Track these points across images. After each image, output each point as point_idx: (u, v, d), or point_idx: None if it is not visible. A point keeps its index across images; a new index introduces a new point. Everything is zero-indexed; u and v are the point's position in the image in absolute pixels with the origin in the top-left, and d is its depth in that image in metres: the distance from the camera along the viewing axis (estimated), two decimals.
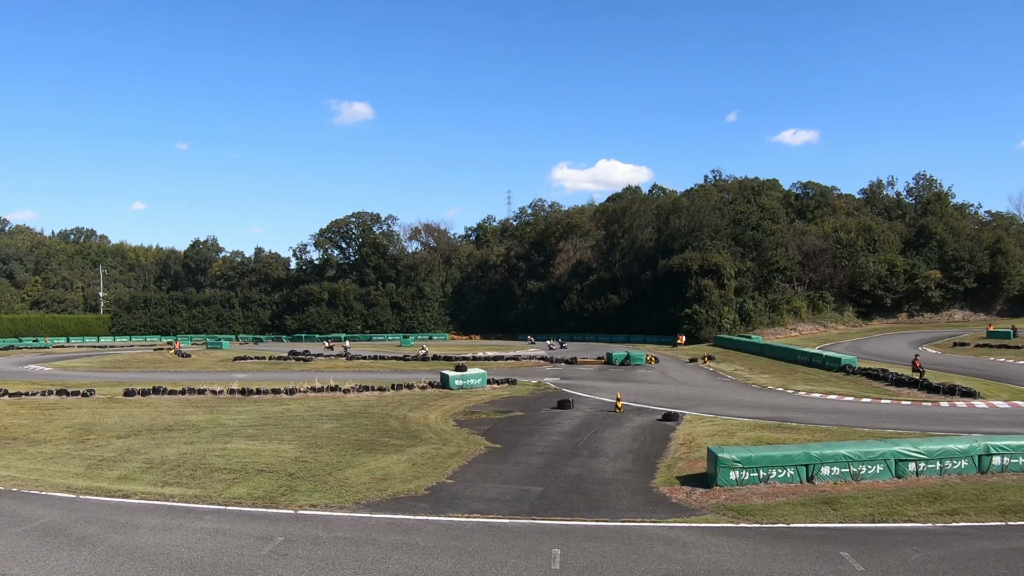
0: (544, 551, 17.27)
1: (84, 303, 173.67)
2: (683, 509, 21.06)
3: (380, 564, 16.57)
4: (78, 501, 23.07)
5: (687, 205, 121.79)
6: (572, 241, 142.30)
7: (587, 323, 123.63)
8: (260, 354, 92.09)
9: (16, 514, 21.45)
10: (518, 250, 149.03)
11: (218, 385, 52.01)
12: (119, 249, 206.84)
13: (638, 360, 70.98)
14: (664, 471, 25.86)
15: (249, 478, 25.42)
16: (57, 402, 47.30)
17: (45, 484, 25.37)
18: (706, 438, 31.04)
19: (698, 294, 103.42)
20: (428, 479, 25.03)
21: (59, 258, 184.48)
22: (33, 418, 40.62)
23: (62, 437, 34.56)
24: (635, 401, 43.97)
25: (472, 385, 51.93)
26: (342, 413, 40.68)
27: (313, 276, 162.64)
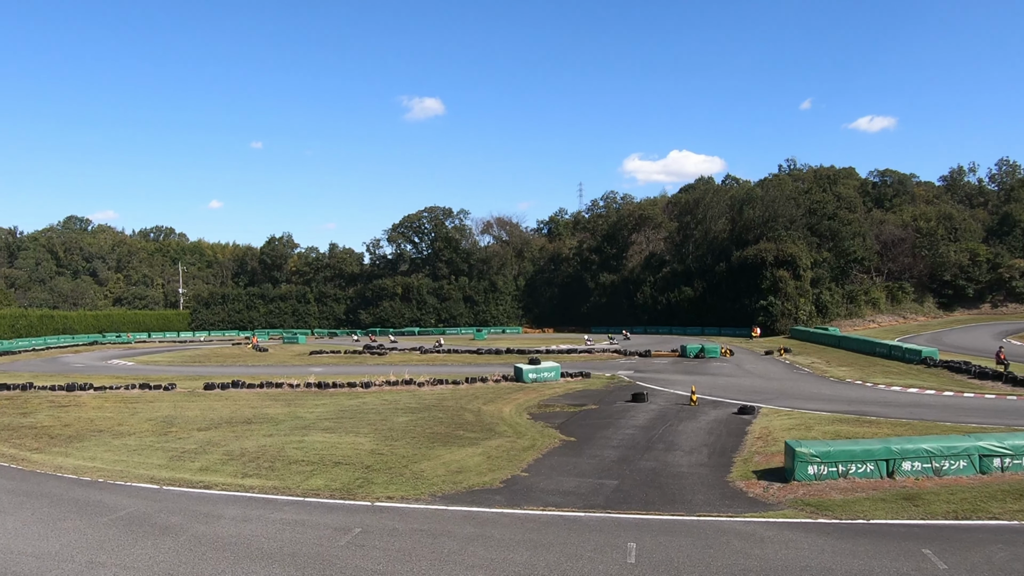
0: (619, 545, 17.20)
1: (164, 299, 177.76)
2: (760, 504, 20.80)
3: (456, 556, 16.67)
4: (161, 492, 23.61)
5: (761, 195, 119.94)
6: (645, 233, 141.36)
7: (660, 315, 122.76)
8: (335, 348, 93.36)
9: (102, 504, 22.03)
10: (590, 243, 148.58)
11: (295, 379, 52.82)
12: (197, 246, 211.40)
13: (713, 353, 70.34)
14: (740, 465, 25.58)
15: (327, 470, 25.76)
16: (140, 396, 48.47)
17: (130, 475, 26.00)
18: (783, 432, 30.62)
19: (773, 285, 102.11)
20: (503, 472, 25.10)
21: (140, 256, 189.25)
22: (117, 411, 41.69)
23: (145, 430, 35.40)
24: (710, 394, 43.57)
25: (546, 378, 51.95)
26: (417, 406, 41.00)
27: (386, 271, 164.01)
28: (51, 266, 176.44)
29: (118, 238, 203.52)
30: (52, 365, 79.35)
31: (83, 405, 44.35)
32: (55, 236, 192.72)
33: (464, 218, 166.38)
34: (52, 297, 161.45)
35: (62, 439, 33.40)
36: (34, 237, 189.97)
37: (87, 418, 39.38)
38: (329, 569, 15.97)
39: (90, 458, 29.17)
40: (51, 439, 33.46)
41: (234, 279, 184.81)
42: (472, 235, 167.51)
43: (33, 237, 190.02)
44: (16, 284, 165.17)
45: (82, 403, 45.29)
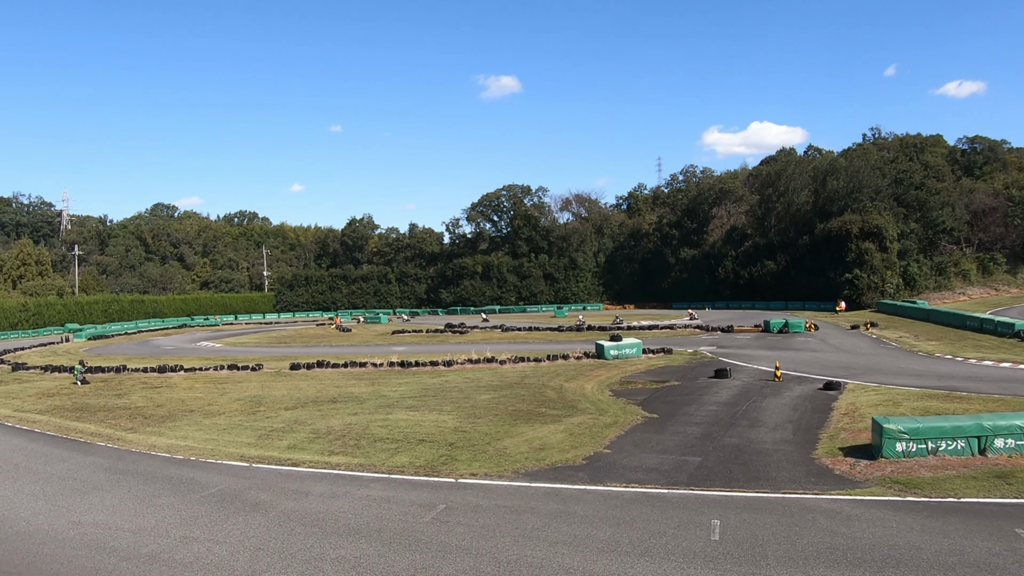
0: (703, 522, 17.11)
1: (249, 282, 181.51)
2: (846, 481, 20.46)
3: (539, 532, 16.76)
4: (251, 469, 24.17)
5: (845, 165, 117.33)
6: (725, 207, 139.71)
7: (743, 290, 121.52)
8: (417, 327, 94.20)
9: (195, 481, 22.67)
10: (670, 217, 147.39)
11: (378, 358, 53.47)
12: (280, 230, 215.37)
13: (797, 327, 69.27)
14: (826, 442, 25.17)
15: (411, 447, 26.08)
16: (228, 376, 49.64)
17: (220, 453, 26.68)
18: (870, 408, 30.04)
19: (859, 258, 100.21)
20: (585, 449, 25.10)
21: (225, 240, 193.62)
22: (207, 392, 42.75)
23: (234, 409, 36.26)
24: (794, 370, 42.94)
25: (627, 355, 51.73)
26: (499, 384, 41.20)
27: (466, 250, 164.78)
28: (140, 252, 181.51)
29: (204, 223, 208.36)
30: (144, 348, 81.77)
31: (174, 386, 45.59)
32: (143, 223, 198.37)
33: (543, 195, 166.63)
34: (142, 282, 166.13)
35: (155, 419, 34.40)
36: (123, 225, 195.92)
37: (178, 399, 40.49)
38: (415, 545, 16.20)
39: (182, 437, 29.99)
40: (145, 419, 34.48)
41: (316, 261, 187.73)
42: (551, 212, 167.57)
43: (122, 225, 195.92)
44: (108, 271, 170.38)
45: (173, 384, 46.57)
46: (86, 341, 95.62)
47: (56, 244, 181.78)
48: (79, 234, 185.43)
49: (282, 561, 15.54)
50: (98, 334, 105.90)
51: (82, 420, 35.06)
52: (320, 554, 15.88)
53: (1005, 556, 14.59)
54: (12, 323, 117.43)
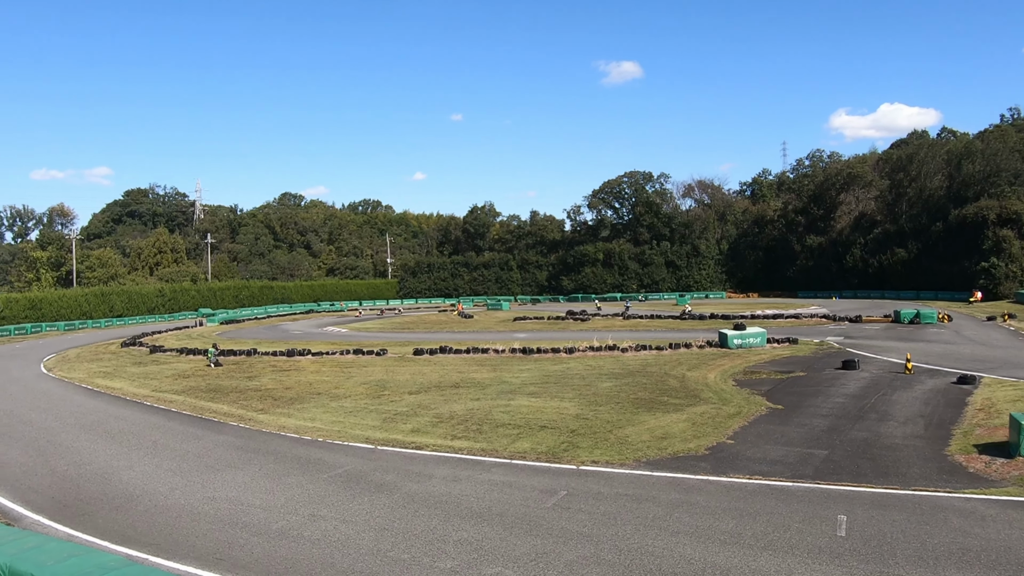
0: (829, 517, 16.72)
1: (373, 269, 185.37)
2: (981, 480, 19.69)
3: (661, 522, 16.66)
4: (376, 451, 24.69)
5: (981, 148, 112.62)
6: (853, 192, 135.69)
7: (871, 279, 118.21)
8: (538, 314, 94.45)
9: (323, 462, 23.30)
10: (795, 204, 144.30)
11: (500, 344, 53.85)
12: (403, 218, 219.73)
13: (929, 318, 66.93)
14: (960, 438, 24.27)
15: (532, 433, 26.22)
16: (354, 361, 50.75)
17: (346, 435, 27.31)
18: (1007, 404, 28.78)
19: (996, 246, 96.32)
20: (708, 439, 24.82)
21: (350, 228, 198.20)
22: (334, 375, 43.81)
23: (360, 393, 37.04)
24: (926, 362, 41.48)
25: (751, 344, 50.86)
26: (620, 372, 41.04)
27: (587, 237, 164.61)
28: (269, 240, 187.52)
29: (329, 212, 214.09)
30: (273, 332, 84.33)
31: (302, 369, 46.89)
32: (272, 212, 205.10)
33: (664, 182, 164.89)
34: (270, 269, 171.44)
35: (284, 401, 35.48)
36: (253, 214, 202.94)
37: (306, 382, 41.62)
38: (536, 530, 16.31)
39: (310, 419, 30.84)
40: (274, 401, 35.60)
41: (438, 248, 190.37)
42: (673, 199, 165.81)
43: (252, 214, 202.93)
44: (238, 258, 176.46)
45: (301, 368, 47.89)
46: (218, 325, 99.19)
47: (190, 233, 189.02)
48: (211, 223, 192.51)
49: (406, 541, 15.86)
50: (229, 319, 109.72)
51: (215, 401, 36.42)
52: (443, 535, 16.14)
53: None
54: (149, 308, 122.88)
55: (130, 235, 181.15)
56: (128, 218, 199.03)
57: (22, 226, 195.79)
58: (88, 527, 17.66)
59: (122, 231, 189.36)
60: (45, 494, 20.82)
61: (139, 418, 32.85)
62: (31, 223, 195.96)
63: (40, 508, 19.40)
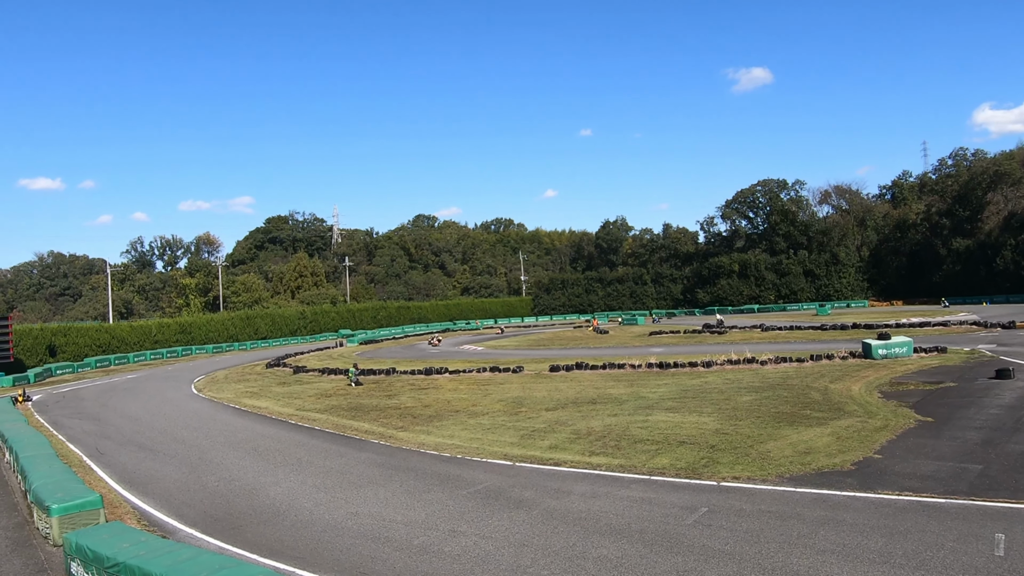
0: (986, 535, 15.80)
1: (507, 287, 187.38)
2: None
3: (806, 540, 16.10)
4: (514, 468, 24.68)
5: None
6: (1002, 191, 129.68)
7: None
8: (674, 328, 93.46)
9: (461, 478, 23.44)
10: (939, 206, 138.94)
11: (636, 359, 53.35)
12: (535, 235, 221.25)
13: None
14: None
15: (671, 449, 25.80)
16: (491, 378, 51.05)
17: (484, 452, 27.43)
18: None
19: None
20: (854, 453, 23.90)
21: (483, 247, 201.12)
22: (471, 393, 44.18)
23: (497, 410, 37.20)
24: None
25: (897, 354, 49.00)
26: (760, 385, 40.13)
27: (722, 248, 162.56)
28: (404, 261, 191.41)
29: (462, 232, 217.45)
30: (410, 351, 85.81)
31: (440, 387, 47.47)
32: (406, 234, 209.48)
33: (800, 189, 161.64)
34: (407, 289, 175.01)
35: (423, 418, 35.91)
36: (388, 236, 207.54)
37: (444, 399, 42.08)
38: (677, 547, 15.99)
39: (448, 436, 31.11)
40: (413, 419, 36.07)
41: (571, 264, 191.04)
42: (809, 206, 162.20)
43: (387, 236, 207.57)
44: (375, 279, 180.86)
45: (439, 386, 48.49)
46: (358, 345, 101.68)
47: (328, 256, 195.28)
48: (348, 246, 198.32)
49: (545, 557, 15.76)
50: (368, 339, 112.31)
51: (356, 419, 37.17)
52: (582, 552, 15.98)
53: None
54: (292, 330, 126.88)
55: (272, 260, 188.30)
56: (270, 244, 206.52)
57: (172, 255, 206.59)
58: (238, 540, 18.24)
59: (264, 257, 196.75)
60: (197, 508, 21.61)
61: (284, 436, 33.81)
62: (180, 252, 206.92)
63: (193, 522, 20.17)
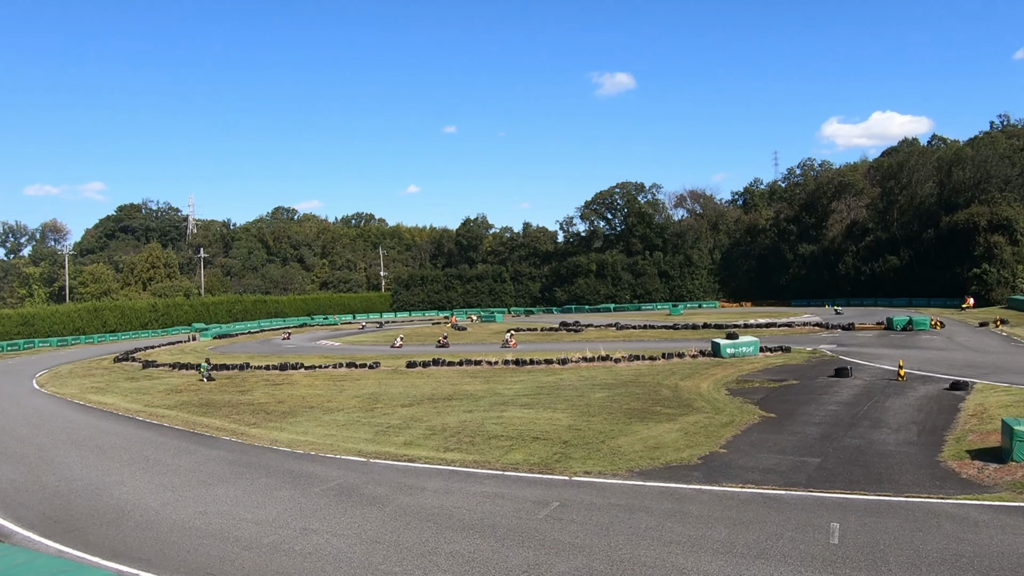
0: (822, 525, 16.69)
1: (367, 282, 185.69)
2: (974, 485, 19.70)
3: (653, 532, 16.62)
4: (368, 464, 24.63)
5: (972, 155, 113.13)
6: (845, 201, 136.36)
7: (864, 287, 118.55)
8: (532, 326, 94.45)
9: (314, 475, 23.22)
10: (787, 212, 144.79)
11: (493, 356, 53.87)
12: (396, 231, 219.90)
13: (921, 325, 67.06)
14: (952, 444, 24.29)
15: (525, 445, 26.17)
16: (347, 374, 50.71)
17: (339, 448, 27.26)
18: (1000, 409, 28.81)
19: (987, 252, 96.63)
20: (701, 448, 24.79)
21: (343, 242, 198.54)
22: (327, 389, 43.76)
23: (352, 406, 36.99)
24: (919, 369, 41.53)
25: (744, 353, 50.92)
26: (613, 382, 41.04)
27: (580, 248, 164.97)
28: (262, 254, 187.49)
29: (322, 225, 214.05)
30: (266, 346, 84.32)
31: (295, 383, 46.85)
32: (265, 226, 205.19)
33: (657, 192, 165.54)
34: (264, 283, 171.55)
35: (277, 415, 35.41)
36: (246, 228, 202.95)
37: (299, 395, 41.58)
38: (528, 541, 16.26)
39: (302, 432, 30.77)
40: (267, 415, 35.53)
41: (432, 261, 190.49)
42: (665, 209, 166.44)
43: (245, 228, 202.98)
44: (231, 272, 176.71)
45: (294, 381, 47.85)
46: (211, 340, 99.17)
47: (183, 247, 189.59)
48: (204, 237, 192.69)
49: (397, 554, 15.81)
50: (222, 333, 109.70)
51: (208, 415, 36.33)
52: (435, 548, 16.09)
53: None
54: (143, 323, 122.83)
55: (123, 250, 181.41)
56: (121, 233, 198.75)
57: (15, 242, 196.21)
58: (78, 543, 17.58)
59: (115, 246, 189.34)
60: (35, 510, 20.71)
61: (131, 433, 32.74)
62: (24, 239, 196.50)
63: (30, 524, 19.30)
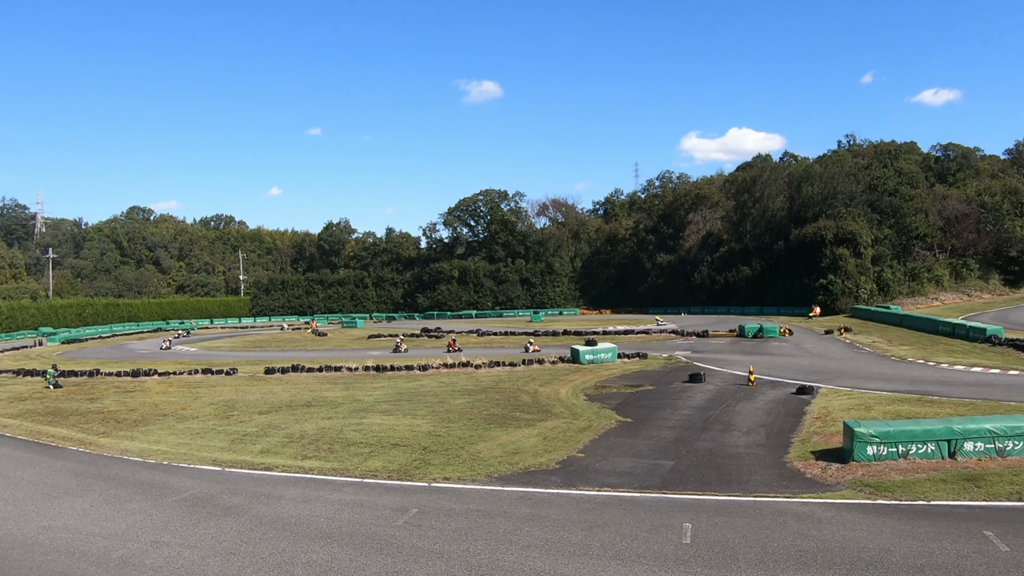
0: (675, 525, 17.19)
1: (225, 286, 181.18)
2: (818, 484, 20.62)
3: (512, 536, 16.78)
4: (223, 473, 24.10)
5: (820, 172, 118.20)
6: (702, 212, 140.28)
7: (718, 295, 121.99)
8: (393, 332, 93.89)
9: (167, 486, 22.55)
10: (647, 223, 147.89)
11: (353, 362, 53.40)
12: (257, 234, 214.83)
13: (771, 332, 69.70)
14: (798, 446, 25.36)
15: (385, 452, 26.06)
16: (203, 381, 49.42)
17: (193, 458, 26.58)
18: (842, 412, 30.25)
19: (833, 264, 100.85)
20: (559, 453, 25.17)
21: (201, 244, 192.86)
22: (181, 396, 42.55)
23: (208, 414, 36.12)
24: (768, 374, 43.20)
25: (602, 359, 51.86)
26: (474, 388, 41.23)
27: (443, 254, 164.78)
28: (116, 256, 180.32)
29: (180, 227, 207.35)
30: (118, 352, 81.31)
31: (148, 390, 45.37)
32: (119, 226, 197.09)
33: (520, 200, 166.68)
34: (117, 286, 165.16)
35: (128, 423, 34.24)
36: (99, 228, 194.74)
37: (152, 403, 40.28)
38: (386, 549, 16.20)
39: (155, 441, 29.86)
40: (117, 423, 34.31)
41: (293, 265, 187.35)
42: (528, 217, 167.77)
43: (98, 228, 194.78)
44: (82, 274, 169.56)
45: (147, 388, 46.34)
46: (60, 345, 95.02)
47: (30, 247, 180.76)
48: (54, 237, 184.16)
49: (253, 566, 15.51)
50: (72, 338, 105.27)
51: (54, 424, 34.89)
52: (291, 558, 15.85)
53: (973, 558, 14.73)
54: None
55: None
56: None
57: None
58: None
59: None
60: None
61: None
62: None
63: None
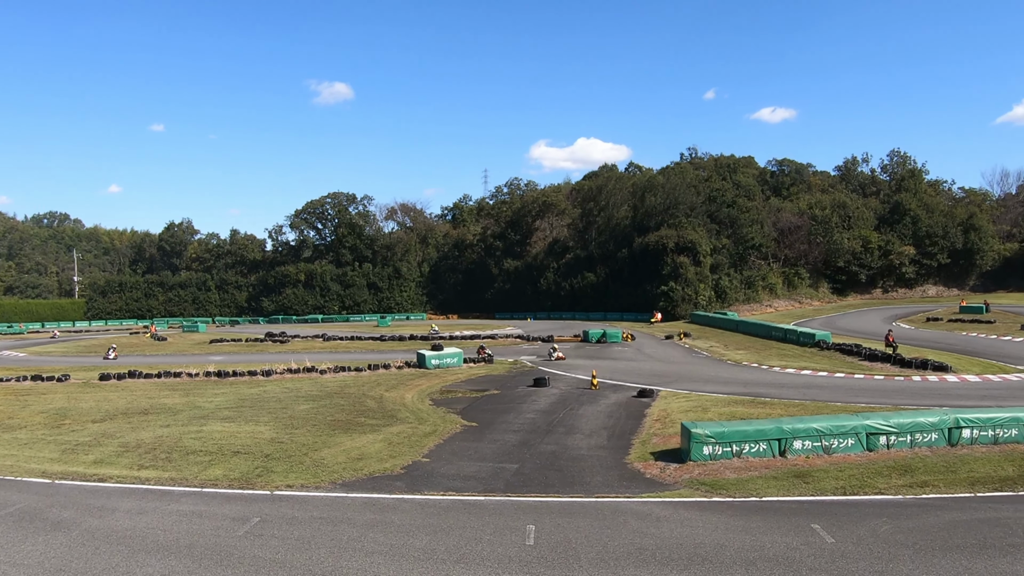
0: (519, 527, 17.41)
1: (59, 288, 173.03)
2: (657, 484, 21.26)
3: (355, 543, 16.66)
4: (53, 486, 23.04)
5: (663, 183, 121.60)
6: (548, 220, 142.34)
7: (564, 301, 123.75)
8: (236, 336, 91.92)
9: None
10: (494, 229, 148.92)
11: (194, 368, 51.98)
12: (94, 233, 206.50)
13: (614, 338, 71.22)
14: (638, 447, 26.08)
15: (225, 460, 25.46)
16: (32, 387, 47.12)
17: (20, 470, 25.32)
18: (680, 414, 31.27)
19: (674, 271, 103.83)
20: (404, 458, 25.14)
21: (33, 243, 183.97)
22: (7, 404, 40.42)
23: (37, 422, 34.47)
24: (611, 378, 44.18)
25: (449, 364, 52.00)
26: (319, 394, 40.71)
27: (289, 257, 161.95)
28: None
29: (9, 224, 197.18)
30: None
31: None
32: None
33: (368, 204, 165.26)
34: None
35: None
36: None
37: None
38: (227, 560, 15.85)
39: None
40: None
41: (132, 266, 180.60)
42: (376, 221, 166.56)
43: None
44: None
45: None
46: None
47: None
48: None
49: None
50: None
51: None
52: (126, 572, 15.34)
53: (802, 550, 15.51)
54: None
55: None
56: None
57: None
58: None
59: None
60: None
61: None
62: None
63: None
